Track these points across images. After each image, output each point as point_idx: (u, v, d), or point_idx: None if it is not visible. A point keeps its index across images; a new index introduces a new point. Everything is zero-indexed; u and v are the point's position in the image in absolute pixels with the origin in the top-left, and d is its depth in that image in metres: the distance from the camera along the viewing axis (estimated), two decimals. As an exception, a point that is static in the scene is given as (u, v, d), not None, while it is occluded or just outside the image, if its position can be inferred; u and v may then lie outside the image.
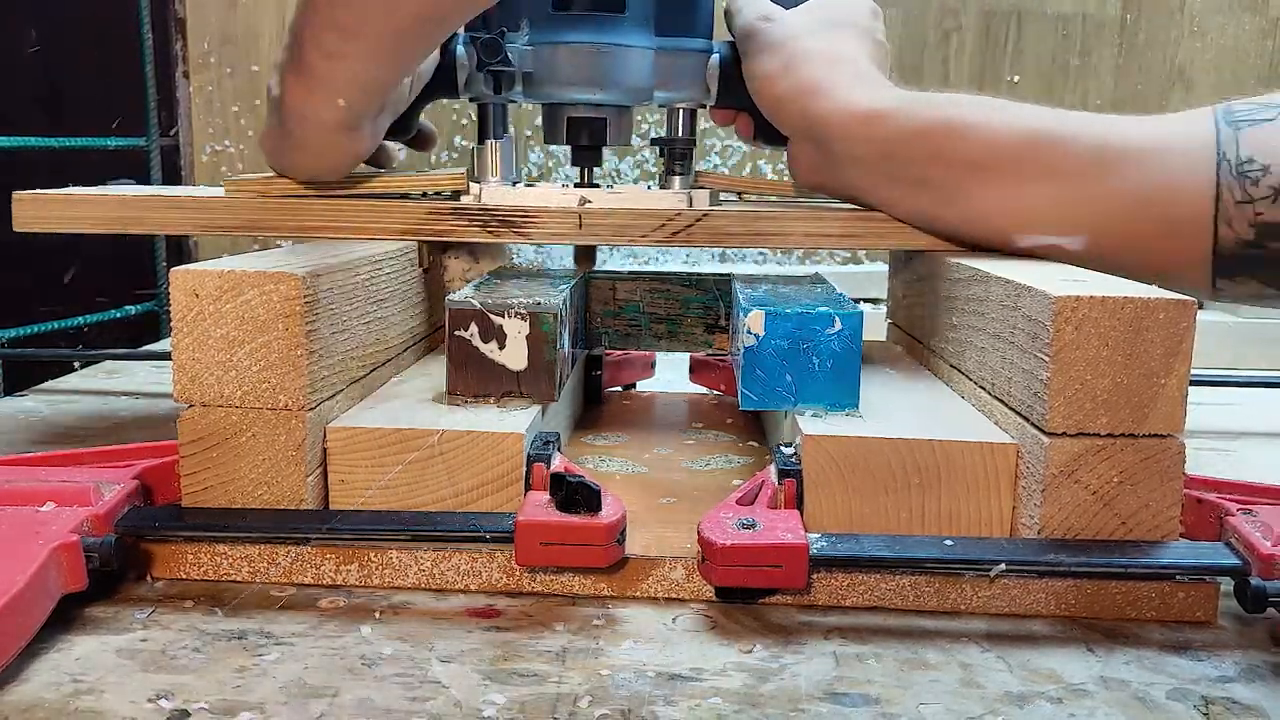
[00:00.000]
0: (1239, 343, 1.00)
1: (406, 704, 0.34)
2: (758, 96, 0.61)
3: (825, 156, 0.58)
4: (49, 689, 0.35)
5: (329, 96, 0.52)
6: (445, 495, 0.45)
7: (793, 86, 0.58)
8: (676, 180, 0.64)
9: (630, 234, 0.59)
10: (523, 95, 0.62)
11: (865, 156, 0.56)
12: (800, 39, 0.60)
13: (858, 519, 0.44)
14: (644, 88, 0.62)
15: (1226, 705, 0.36)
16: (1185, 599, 0.42)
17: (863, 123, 0.56)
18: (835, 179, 0.59)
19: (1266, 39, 1.16)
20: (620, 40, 0.60)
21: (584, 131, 0.63)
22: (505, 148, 0.63)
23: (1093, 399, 0.41)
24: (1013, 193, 0.53)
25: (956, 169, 0.54)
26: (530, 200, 0.60)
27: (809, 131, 0.58)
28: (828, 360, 0.49)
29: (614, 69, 0.60)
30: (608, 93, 0.61)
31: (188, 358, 0.43)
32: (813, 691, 0.36)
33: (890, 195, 0.57)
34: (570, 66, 0.60)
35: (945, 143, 0.54)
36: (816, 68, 0.58)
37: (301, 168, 0.59)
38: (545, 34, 0.60)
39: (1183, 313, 0.41)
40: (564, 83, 0.61)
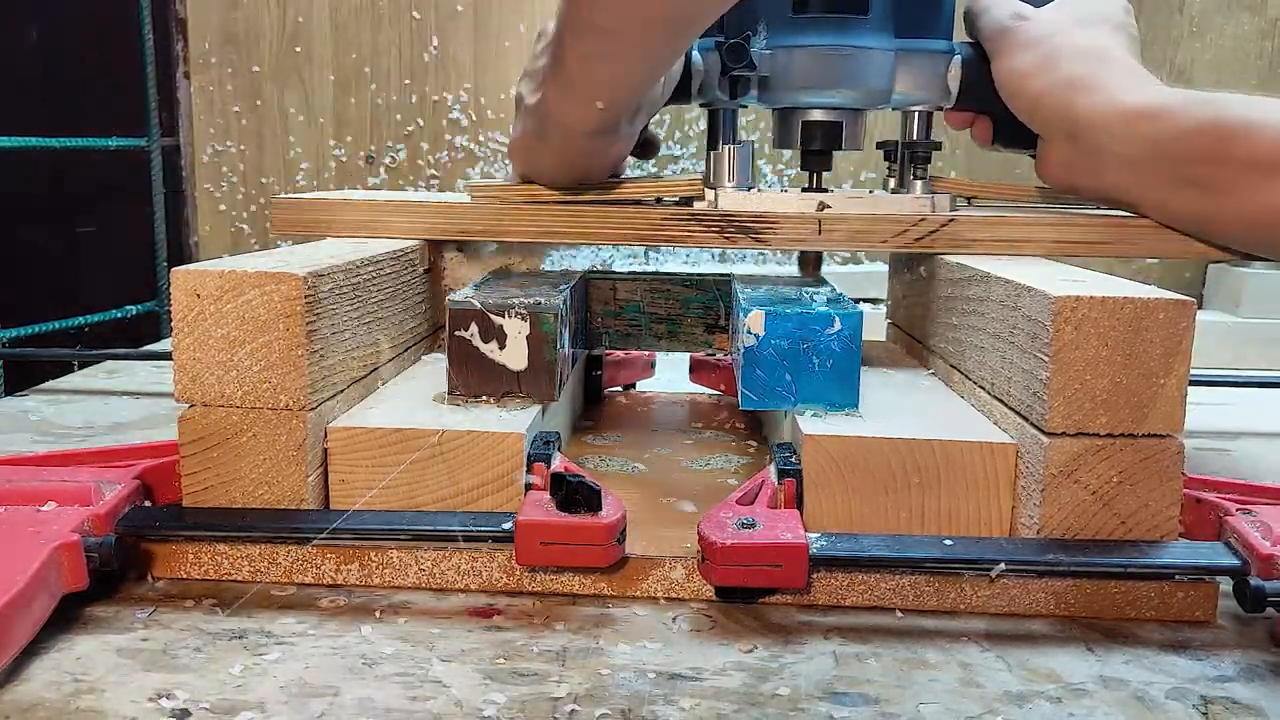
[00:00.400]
0: (1238, 343, 1.00)
1: (407, 703, 0.34)
2: (1012, 95, 0.59)
3: (1087, 156, 0.56)
4: (50, 688, 0.35)
5: (588, 99, 0.52)
6: (446, 495, 0.45)
7: (1054, 83, 0.57)
8: (918, 185, 0.62)
9: (870, 239, 0.58)
10: (757, 100, 0.61)
11: (1136, 155, 0.54)
12: (1060, 35, 0.58)
13: (857, 519, 0.45)
14: (883, 90, 0.60)
15: (1226, 705, 0.36)
16: (1185, 599, 0.42)
17: (1135, 120, 0.53)
18: (1096, 179, 0.57)
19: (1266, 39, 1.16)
20: (861, 42, 0.59)
21: (818, 136, 0.62)
22: (742, 153, 0.62)
23: (1092, 399, 0.41)
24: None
25: (1238, 169, 0.51)
26: (768, 205, 0.59)
27: (1072, 129, 0.56)
28: (827, 360, 0.49)
29: (854, 71, 0.59)
30: (846, 95, 0.60)
31: (188, 358, 0.43)
32: (812, 691, 0.36)
33: (1161, 197, 0.54)
34: (809, 70, 0.59)
35: (1226, 142, 0.51)
36: (1080, 64, 0.56)
37: (559, 174, 0.59)
38: (784, 37, 0.59)
39: (1182, 313, 0.41)
40: (802, 86, 0.60)
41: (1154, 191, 0.55)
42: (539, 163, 0.59)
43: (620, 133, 0.57)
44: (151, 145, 1.11)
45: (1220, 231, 0.54)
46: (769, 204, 0.59)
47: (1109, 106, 0.54)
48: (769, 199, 0.60)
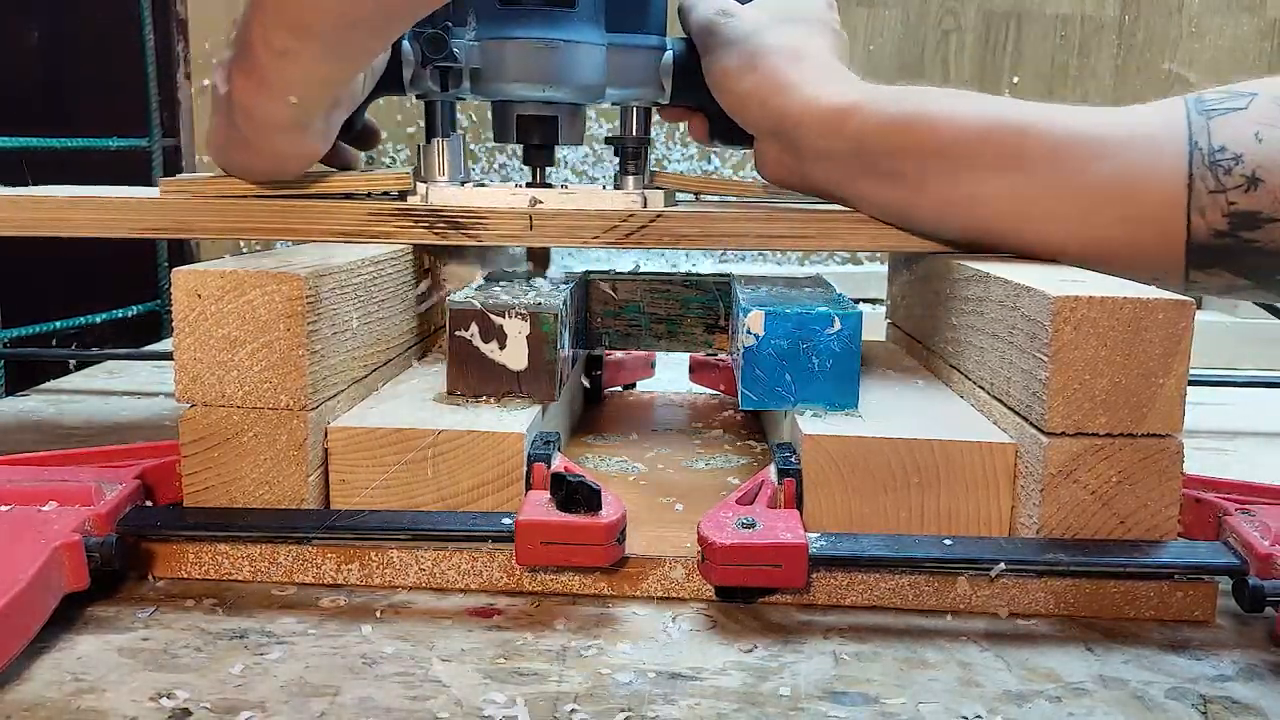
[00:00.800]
0: (1237, 343, 1.00)
1: (407, 703, 0.35)
2: (719, 93, 0.60)
3: (793, 153, 0.58)
4: (51, 688, 0.35)
5: (279, 94, 0.50)
6: (446, 495, 0.45)
7: (757, 83, 0.57)
8: (630, 180, 0.62)
9: (581, 235, 0.58)
10: (471, 93, 0.60)
11: (834, 151, 0.55)
12: (761, 33, 0.58)
13: (857, 518, 0.45)
14: (595, 85, 0.60)
15: (1225, 704, 0.36)
16: (1184, 598, 0.42)
17: (830, 118, 0.55)
18: (804, 176, 0.58)
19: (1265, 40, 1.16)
20: (570, 36, 0.58)
21: (535, 130, 0.61)
22: (454, 146, 0.61)
23: (1091, 399, 0.41)
24: (980, 183, 0.52)
25: (924, 160, 0.53)
26: (478, 200, 0.58)
27: (776, 128, 0.57)
28: (827, 360, 0.49)
29: (564, 66, 0.58)
30: (558, 90, 0.59)
31: (189, 358, 0.43)
32: (812, 691, 0.36)
33: (860, 190, 0.56)
34: (519, 63, 0.58)
35: (913, 134, 0.53)
36: (781, 63, 0.57)
37: (252, 168, 0.57)
38: (493, 29, 0.58)
39: (1181, 313, 0.41)
40: (513, 80, 0.59)
41: (855, 185, 0.56)
42: (232, 156, 0.56)
43: (314, 128, 0.54)
44: (153, 145, 1.11)
45: (916, 222, 0.56)
46: (480, 199, 0.59)
47: (808, 104, 0.55)
48: (480, 194, 0.59)
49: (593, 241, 0.58)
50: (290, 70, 0.49)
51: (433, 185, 0.60)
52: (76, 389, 0.82)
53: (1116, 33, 1.19)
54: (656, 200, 0.61)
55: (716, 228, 0.58)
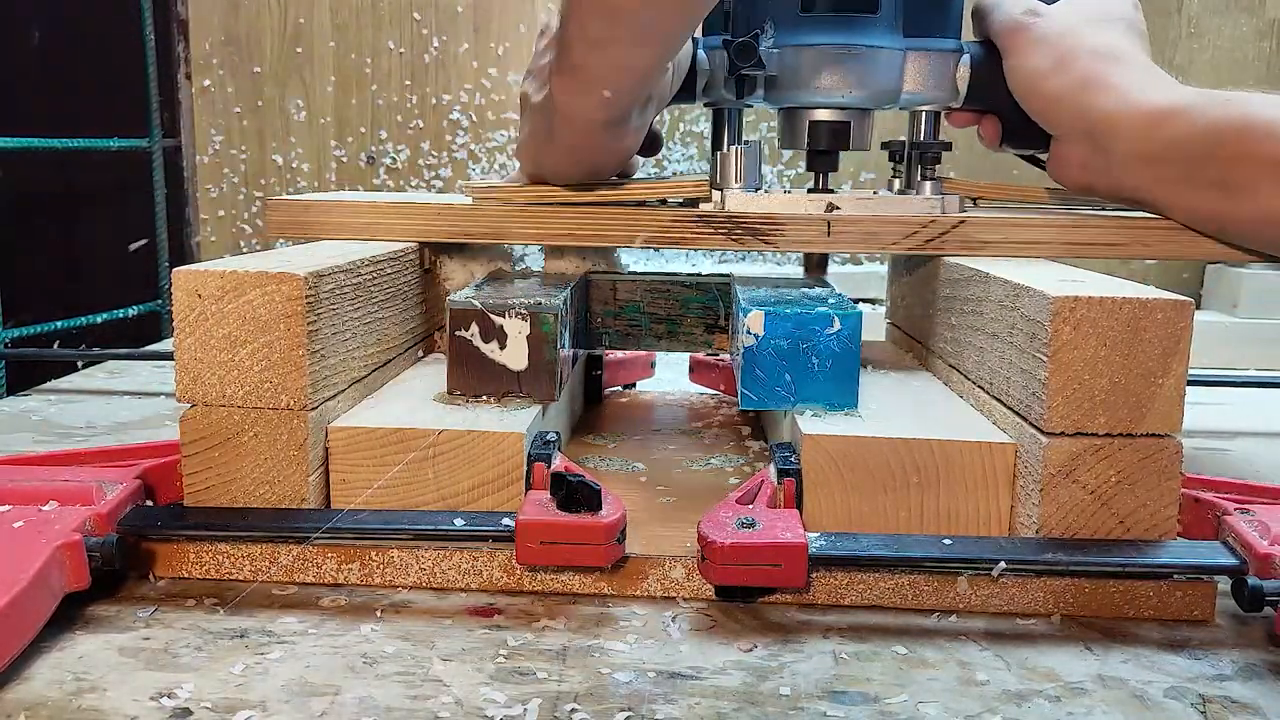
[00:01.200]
0: (1236, 343, 1.00)
1: (408, 702, 0.35)
2: (1026, 94, 0.58)
3: (1103, 156, 0.56)
4: (52, 686, 0.35)
5: (595, 88, 0.51)
6: (446, 494, 0.45)
7: (1069, 83, 0.56)
8: (927, 186, 0.61)
9: (880, 241, 0.57)
10: (763, 100, 0.60)
11: (1155, 156, 0.53)
12: (1075, 33, 0.57)
13: (857, 518, 0.45)
14: (892, 90, 0.59)
15: (1224, 703, 0.36)
16: (1183, 598, 0.42)
17: (1154, 120, 0.53)
18: (1113, 180, 0.56)
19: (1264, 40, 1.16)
20: (870, 41, 0.58)
21: (824, 136, 0.61)
22: (749, 153, 0.61)
23: (1091, 399, 0.41)
24: None
25: (1258, 168, 0.50)
26: (775, 207, 0.59)
27: (1087, 130, 0.56)
28: (827, 360, 0.49)
29: (862, 71, 0.58)
30: (854, 95, 0.59)
31: (190, 357, 0.43)
32: (812, 690, 0.36)
33: (1179, 197, 0.54)
34: (817, 69, 0.58)
35: (1243, 142, 0.50)
36: (1096, 63, 0.56)
37: (568, 171, 0.58)
38: (792, 35, 0.58)
39: (1180, 313, 0.41)
40: (809, 86, 0.59)
41: (1173, 191, 0.54)
42: (548, 161, 0.58)
43: (630, 124, 0.55)
44: (153, 146, 1.11)
45: (1240, 232, 0.53)
46: (776, 205, 0.59)
47: (1127, 106, 0.54)
48: (776, 200, 0.59)
49: (891, 247, 0.58)
50: (605, 61, 0.50)
51: (728, 192, 0.60)
52: (77, 389, 0.82)
53: (1116, 33, 1.19)
54: (953, 205, 0.60)
55: (1021, 234, 0.57)
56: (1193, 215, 0.54)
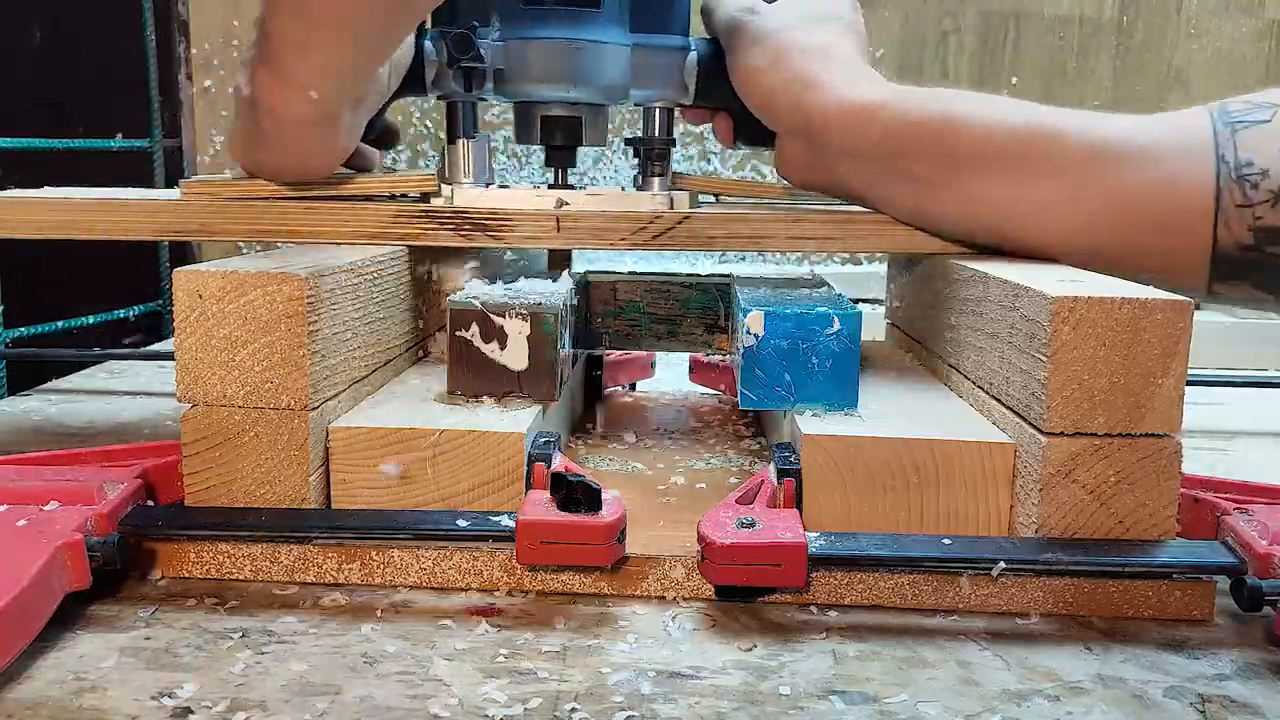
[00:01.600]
0: (1236, 343, 1.00)
1: (408, 702, 0.35)
2: (745, 91, 0.59)
3: (818, 152, 0.57)
4: (53, 686, 0.35)
5: (300, 89, 0.50)
6: (447, 494, 0.45)
7: (784, 80, 0.57)
8: (655, 182, 0.62)
9: (609, 237, 0.57)
10: (494, 93, 0.60)
11: (860, 150, 0.55)
12: (789, 31, 0.58)
13: (856, 518, 0.45)
14: (620, 85, 0.60)
15: (1223, 703, 0.36)
16: (1182, 597, 0.42)
17: (858, 116, 0.55)
18: (828, 175, 0.58)
19: (1263, 41, 1.16)
20: (595, 36, 0.58)
21: (558, 131, 0.61)
22: (478, 147, 0.60)
23: (1090, 399, 0.42)
24: (1008, 188, 0.52)
25: (952, 162, 0.53)
26: (504, 202, 0.58)
27: (803, 126, 0.57)
28: (827, 360, 0.49)
29: (589, 66, 0.58)
30: (582, 90, 0.59)
31: (191, 358, 0.43)
32: (812, 689, 0.36)
33: (885, 190, 0.56)
34: (543, 63, 0.58)
35: (941, 136, 0.53)
36: (808, 61, 0.57)
37: (278, 169, 0.56)
38: (517, 29, 0.58)
39: (1180, 313, 0.41)
40: (537, 80, 0.59)
41: (879, 185, 0.56)
42: (257, 157, 0.56)
43: (340, 125, 0.54)
44: (154, 146, 1.12)
45: (938, 224, 0.56)
46: (506, 200, 0.58)
47: (836, 103, 0.55)
48: (506, 195, 0.59)
49: (619, 243, 0.57)
50: (310, 63, 0.49)
51: (457, 187, 0.60)
52: (78, 389, 0.82)
53: (1115, 34, 1.19)
54: (683, 201, 0.61)
55: (744, 229, 0.58)
56: (902, 209, 0.56)
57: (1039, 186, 0.52)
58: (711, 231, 0.58)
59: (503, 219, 0.57)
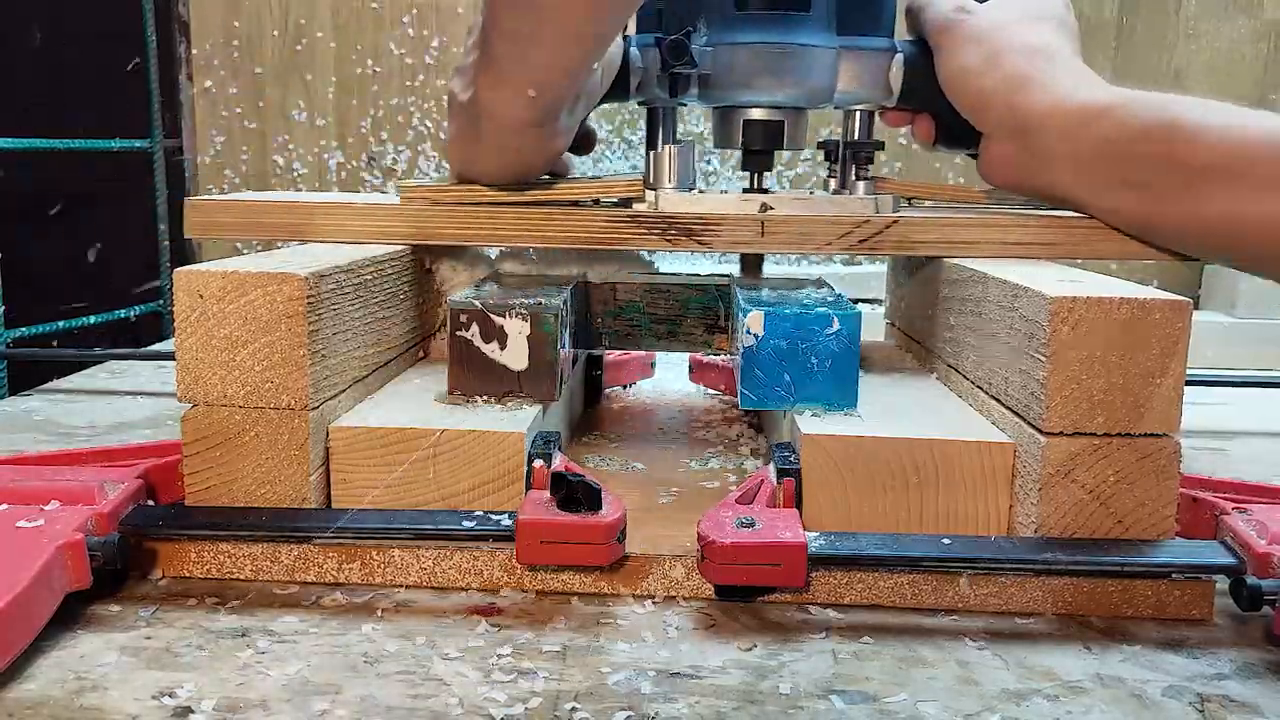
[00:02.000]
0: (1235, 343, 1.01)
1: (409, 701, 0.35)
2: (957, 92, 0.58)
3: (1031, 155, 0.55)
4: (54, 685, 0.35)
5: (520, 87, 0.51)
6: (447, 494, 0.45)
7: (1000, 80, 0.56)
8: (860, 185, 0.61)
9: (815, 241, 0.57)
10: (698, 98, 0.60)
11: (1082, 155, 0.53)
12: (1005, 31, 0.57)
13: (856, 518, 0.45)
14: (825, 88, 0.59)
15: (1222, 702, 0.36)
16: (1181, 597, 0.42)
17: (1081, 119, 0.53)
18: (1040, 179, 0.56)
19: (1261, 41, 1.16)
20: (803, 40, 0.57)
21: (760, 134, 0.61)
22: (683, 153, 0.60)
23: (1089, 399, 0.42)
24: (1245, 200, 0.48)
25: (1183, 172, 0.50)
26: (709, 207, 0.58)
27: (1017, 127, 0.55)
28: (826, 360, 0.49)
29: (796, 70, 0.58)
30: (788, 94, 0.58)
31: (191, 358, 0.43)
32: (812, 689, 0.36)
33: (1104, 197, 0.53)
34: (751, 67, 0.58)
35: (1172, 144, 0.50)
36: (1027, 60, 0.56)
37: (496, 172, 0.57)
38: (725, 34, 0.58)
39: (1178, 313, 0.41)
40: (743, 84, 0.58)
41: (1099, 192, 0.54)
42: (475, 161, 0.57)
43: (558, 124, 0.55)
44: (155, 147, 1.12)
45: (1163, 235, 0.53)
46: (710, 205, 0.58)
47: (1056, 104, 0.54)
48: (710, 200, 0.59)
49: (825, 248, 0.57)
50: (528, 59, 0.50)
51: (662, 192, 0.59)
52: (79, 389, 0.82)
53: (1114, 34, 1.19)
54: (887, 205, 0.60)
55: (956, 234, 0.56)
56: (1118, 217, 0.54)
57: (1268, 199, 0.48)
58: (920, 236, 0.56)
59: (708, 224, 0.57)
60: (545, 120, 0.53)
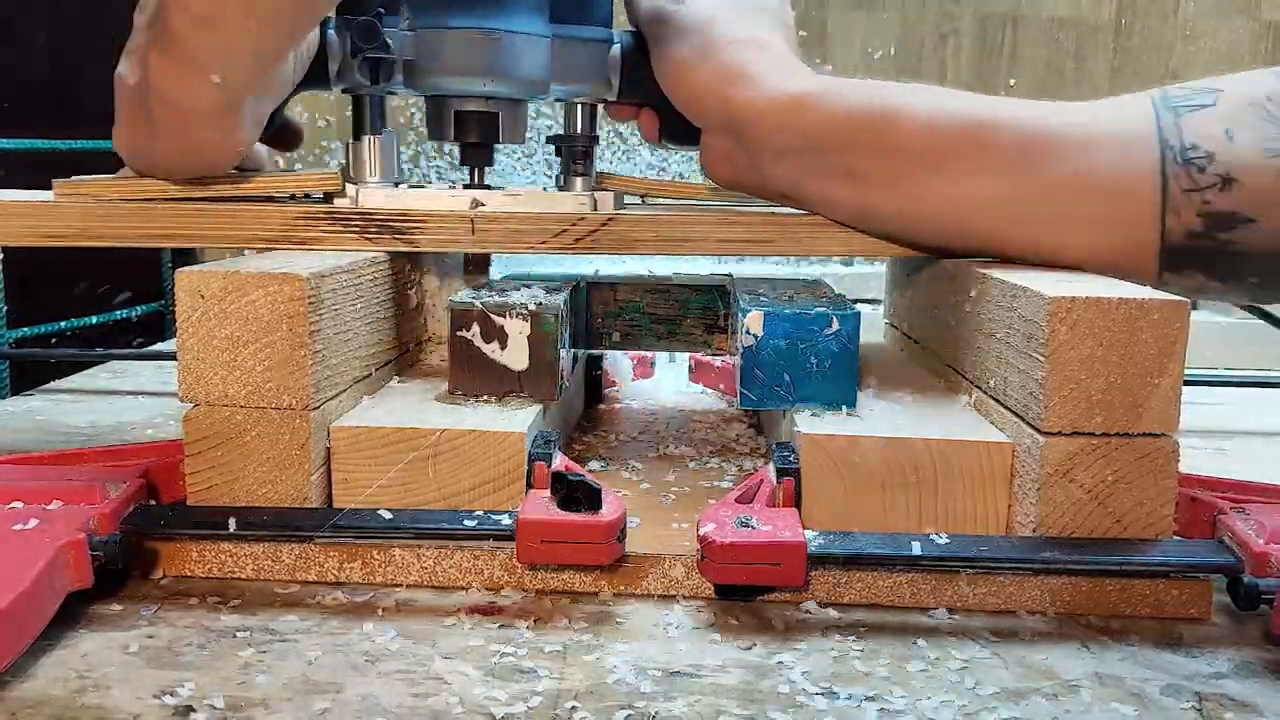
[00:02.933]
0: (1235, 343, 1.01)
1: (410, 700, 0.35)
2: (670, 86, 0.56)
3: (746, 150, 0.54)
4: (56, 685, 0.35)
5: (201, 72, 0.46)
6: (447, 493, 0.45)
7: (712, 74, 0.53)
8: (578, 182, 0.59)
9: (528, 240, 0.54)
10: (403, 86, 0.56)
11: (791, 147, 0.52)
12: (718, 22, 0.55)
13: (855, 517, 0.45)
14: (539, 79, 0.56)
15: (1220, 701, 0.36)
16: (1179, 596, 0.42)
17: (788, 109, 0.51)
18: (757, 175, 0.54)
19: (1259, 42, 1.16)
20: (513, 25, 0.54)
21: (473, 127, 0.57)
22: (386, 144, 0.56)
23: (1087, 398, 0.42)
24: (945, 184, 0.49)
25: (889, 158, 0.50)
26: (414, 203, 0.54)
27: (730, 122, 0.54)
28: (825, 360, 0.49)
29: (506, 57, 0.54)
30: (499, 84, 0.55)
31: (192, 358, 0.44)
32: (811, 687, 0.36)
33: (820, 190, 0.52)
34: (457, 54, 0.54)
35: (876, 131, 0.50)
36: (739, 53, 0.54)
37: (173, 165, 0.52)
38: (429, 17, 0.54)
39: (1176, 313, 0.41)
40: (450, 72, 0.54)
41: (812, 184, 0.52)
42: (148, 151, 0.52)
43: (243, 114, 0.49)
44: (154, 147, 1.12)
45: (880, 224, 0.52)
46: (416, 201, 0.54)
47: (764, 95, 0.52)
48: (416, 196, 0.55)
49: (539, 247, 0.54)
50: (212, 42, 0.45)
51: (363, 187, 0.56)
52: (81, 389, 0.82)
53: (1112, 36, 1.20)
54: (607, 202, 0.58)
55: (672, 231, 0.54)
56: (834, 208, 0.53)
57: (974, 184, 0.49)
58: (637, 234, 0.54)
59: (412, 221, 0.53)
60: (229, 108, 0.48)
